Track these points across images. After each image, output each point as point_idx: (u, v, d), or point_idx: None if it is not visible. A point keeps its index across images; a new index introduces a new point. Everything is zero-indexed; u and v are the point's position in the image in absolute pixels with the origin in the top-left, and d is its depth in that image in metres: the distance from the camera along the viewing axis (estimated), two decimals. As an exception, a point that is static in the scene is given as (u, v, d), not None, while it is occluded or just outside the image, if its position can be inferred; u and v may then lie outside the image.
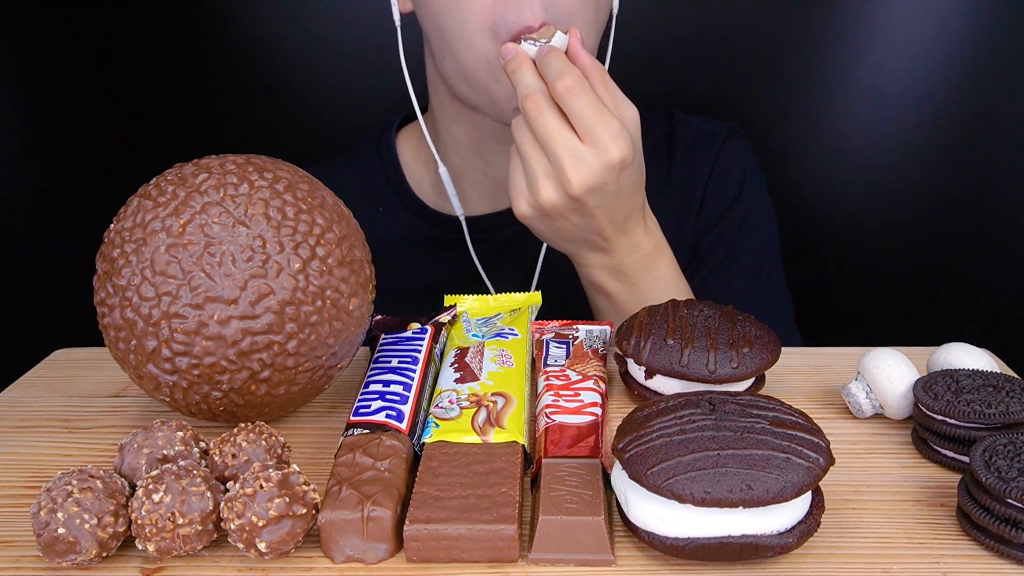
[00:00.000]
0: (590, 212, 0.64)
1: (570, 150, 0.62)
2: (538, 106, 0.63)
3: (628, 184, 0.65)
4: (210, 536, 0.44)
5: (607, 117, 0.62)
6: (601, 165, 0.62)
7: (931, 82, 1.04)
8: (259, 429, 0.48)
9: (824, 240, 1.10)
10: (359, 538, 0.43)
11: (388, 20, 0.77)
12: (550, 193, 0.63)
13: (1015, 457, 0.44)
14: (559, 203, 0.64)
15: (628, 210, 0.66)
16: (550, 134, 0.62)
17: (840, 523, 0.46)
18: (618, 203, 0.65)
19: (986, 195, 1.06)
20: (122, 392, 0.62)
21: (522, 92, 0.63)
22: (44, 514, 0.42)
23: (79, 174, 1.12)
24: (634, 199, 0.66)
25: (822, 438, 0.44)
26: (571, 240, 0.67)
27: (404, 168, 0.88)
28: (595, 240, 0.67)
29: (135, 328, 0.50)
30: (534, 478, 0.49)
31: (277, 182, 0.52)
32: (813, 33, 1.04)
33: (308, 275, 0.51)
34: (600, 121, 0.62)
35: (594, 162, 0.62)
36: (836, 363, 0.64)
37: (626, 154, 0.62)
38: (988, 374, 0.53)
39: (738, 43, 1.05)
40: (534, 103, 0.63)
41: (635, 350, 0.56)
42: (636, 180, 0.66)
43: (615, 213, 0.65)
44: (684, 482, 0.41)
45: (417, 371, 0.56)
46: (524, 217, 0.66)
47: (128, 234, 0.51)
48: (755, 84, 1.06)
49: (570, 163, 0.62)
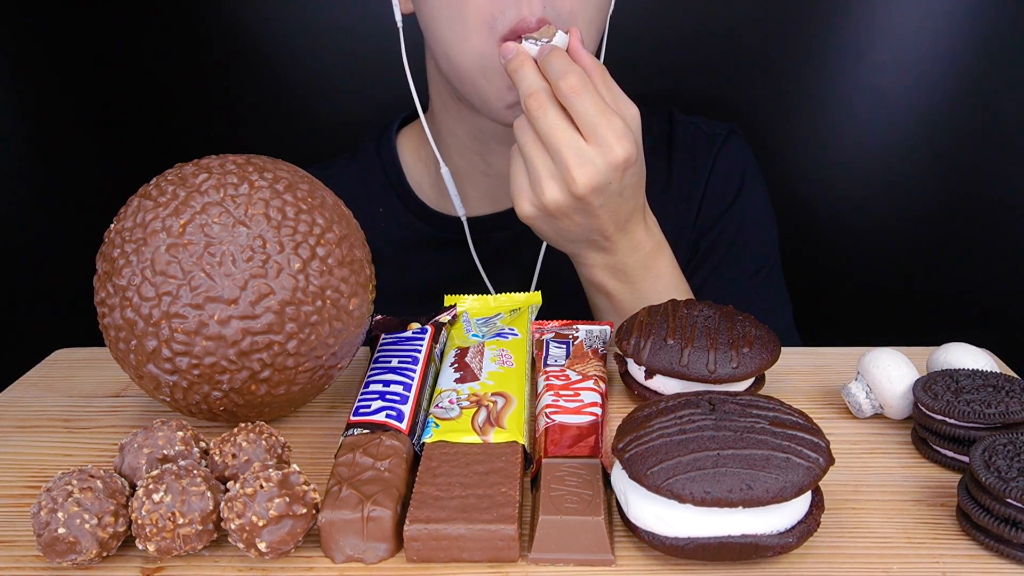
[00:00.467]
0: (594, 212, 0.64)
1: (575, 150, 0.62)
2: (541, 105, 0.62)
3: (631, 183, 0.65)
4: (210, 536, 0.44)
5: (611, 116, 0.62)
6: (606, 164, 0.62)
7: (931, 82, 1.04)
8: (259, 429, 0.48)
9: (824, 240, 1.10)
10: (359, 538, 0.43)
11: (390, 21, 0.77)
12: (554, 193, 0.63)
13: (1015, 457, 0.44)
14: (563, 203, 0.63)
15: (630, 209, 0.66)
16: (554, 133, 0.62)
17: (840, 523, 0.46)
18: (621, 202, 0.65)
19: (986, 195, 1.06)
20: (122, 392, 0.62)
21: (525, 91, 0.63)
22: (44, 514, 0.42)
23: (79, 174, 1.12)
24: (636, 198, 0.67)
25: (822, 438, 0.44)
26: (573, 240, 0.68)
27: (404, 168, 0.88)
28: (597, 240, 0.67)
29: (135, 328, 0.50)
30: (534, 478, 0.49)
31: (277, 182, 0.52)
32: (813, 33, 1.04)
33: (308, 275, 0.51)
34: (604, 120, 0.62)
35: (599, 161, 0.62)
36: (836, 363, 0.64)
37: (630, 153, 0.62)
38: (988, 374, 0.53)
39: (738, 43, 1.05)
40: (537, 102, 0.63)
41: (635, 350, 0.56)
42: (638, 179, 0.66)
43: (618, 212, 0.65)
44: (684, 482, 0.41)
45: (417, 371, 0.56)
46: (527, 217, 0.66)
47: (128, 234, 0.51)
48: (755, 84, 1.06)
49: (575, 163, 0.62)
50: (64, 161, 1.12)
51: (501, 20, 0.68)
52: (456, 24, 0.70)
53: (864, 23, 1.02)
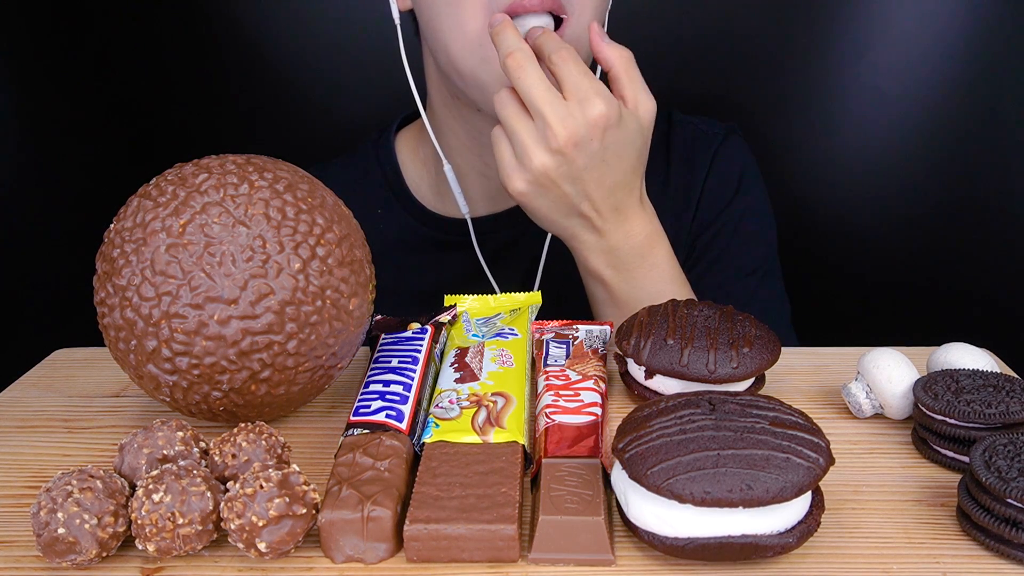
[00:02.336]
0: (579, 175, 0.65)
1: (553, 106, 0.63)
2: (520, 64, 0.64)
3: (614, 149, 0.65)
4: (210, 536, 0.44)
5: (593, 80, 0.64)
6: (584, 119, 0.63)
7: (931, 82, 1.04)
8: (259, 429, 0.48)
9: (824, 239, 1.10)
10: (359, 538, 0.43)
11: (389, 20, 0.77)
12: (540, 156, 0.64)
13: (1015, 457, 0.44)
14: (549, 164, 0.64)
15: (616, 180, 0.67)
16: (534, 92, 0.64)
17: (840, 523, 0.46)
18: (606, 169, 0.66)
19: (986, 194, 1.06)
20: (122, 392, 0.62)
21: (504, 51, 0.65)
22: (44, 514, 0.42)
23: (79, 174, 1.12)
24: (622, 168, 0.67)
25: (822, 438, 0.44)
26: (565, 215, 0.68)
27: (403, 170, 0.88)
28: (589, 215, 0.68)
29: (135, 328, 0.50)
30: (534, 478, 0.49)
31: (277, 182, 0.52)
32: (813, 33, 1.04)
33: (308, 275, 0.51)
34: (586, 81, 0.64)
35: (578, 116, 0.63)
36: (836, 363, 0.64)
37: (610, 111, 0.64)
38: (988, 374, 0.53)
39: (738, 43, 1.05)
40: (516, 61, 0.64)
41: (635, 350, 0.56)
42: (622, 148, 0.66)
43: (603, 180, 0.66)
44: (684, 482, 0.41)
45: (417, 371, 0.56)
46: (519, 194, 0.66)
47: (128, 234, 0.51)
48: (755, 84, 1.06)
49: (554, 118, 0.63)
50: (64, 161, 1.12)
51: (497, 3, 0.68)
52: (454, 10, 0.70)
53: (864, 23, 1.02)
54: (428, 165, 0.87)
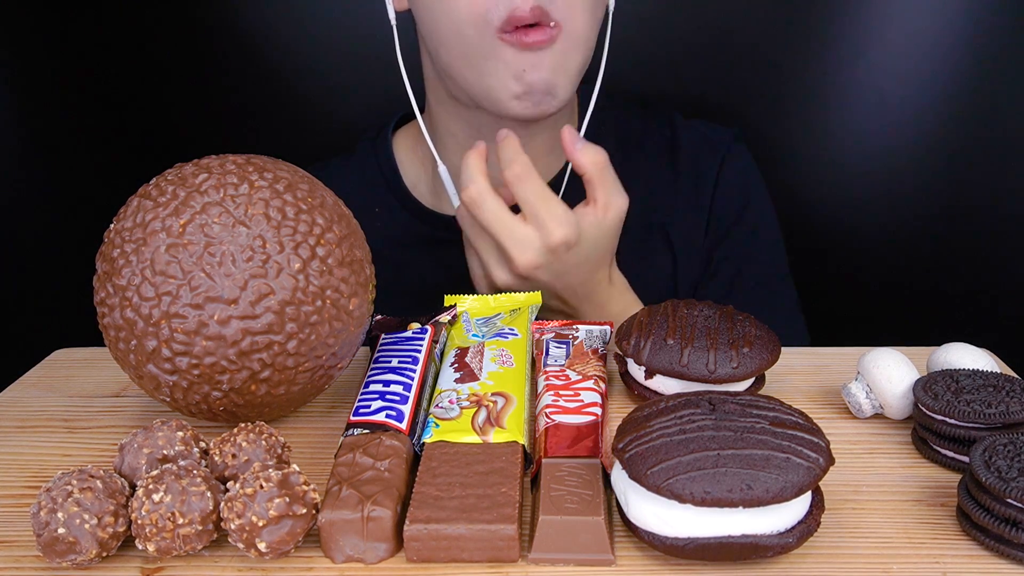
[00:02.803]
0: (545, 285, 0.68)
1: (512, 235, 0.66)
2: (475, 202, 0.67)
3: (577, 262, 0.68)
4: (210, 536, 0.44)
5: (550, 201, 0.66)
6: (543, 245, 0.66)
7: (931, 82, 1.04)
8: (259, 429, 0.48)
9: (824, 240, 1.10)
10: (359, 538, 0.43)
11: (387, 20, 0.77)
12: (503, 276, 0.68)
13: (1015, 457, 0.44)
14: (512, 283, 0.68)
15: (583, 282, 0.70)
16: (491, 224, 0.67)
17: (840, 523, 0.46)
18: (568, 277, 0.69)
19: (986, 195, 1.06)
20: (122, 392, 0.62)
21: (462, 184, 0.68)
22: (44, 514, 0.42)
23: (79, 174, 1.12)
24: (588, 274, 0.70)
25: (822, 438, 0.44)
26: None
27: (400, 169, 0.88)
28: (559, 307, 0.71)
29: (135, 328, 0.50)
30: (534, 478, 0.49)
31: (277, 182, 0.52)
32: (813, 33, 1.04)
33: (308, 275, 0.51)
34: (543, 205, 0.66)
35: (537, 243, 0.66)
36: (836, 363, 0.64)
37: (569, 235, 0.66)
38: (988, 374, 0.53)
39: (738, 43, 1.05)
40: (471, 199, 0.67)
41: (635, 350, 0.56)
42: (584, 258, 0.68)
43: (570, 285, 0.69)
44: (684, 482, 0.41)
45: (417, 371, 0.56)
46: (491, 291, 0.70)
47: (128, 234, 0.51)
48: (755, 85, 1.06)
49: (513, 247, 0.66)
50: (64, 161, 1.12)
51: (495, 12, 0.68)
52: (451, 18, 0.70)
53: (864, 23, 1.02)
54: (426, 164, 0.87)
